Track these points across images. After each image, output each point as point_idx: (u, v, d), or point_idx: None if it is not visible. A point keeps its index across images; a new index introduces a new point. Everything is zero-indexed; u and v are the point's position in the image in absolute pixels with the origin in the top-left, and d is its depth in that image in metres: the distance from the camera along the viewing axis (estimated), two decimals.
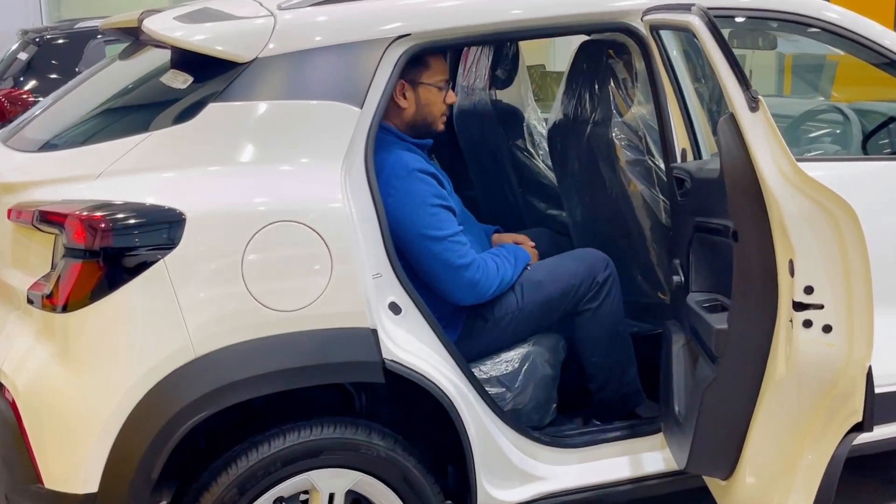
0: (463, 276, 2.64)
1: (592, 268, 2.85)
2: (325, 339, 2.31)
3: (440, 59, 2.77)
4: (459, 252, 2.63)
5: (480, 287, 2.68)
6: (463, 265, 2.63)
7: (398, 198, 2.57)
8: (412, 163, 2.62)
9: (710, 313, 2.45)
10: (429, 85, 2.73)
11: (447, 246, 2.61)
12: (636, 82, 3.01)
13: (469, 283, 2.65)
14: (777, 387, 2.32)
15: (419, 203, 2.59)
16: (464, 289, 2.66)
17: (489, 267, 2.70)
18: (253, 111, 2.37)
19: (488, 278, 2.69)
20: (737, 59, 2.28)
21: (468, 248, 2.66)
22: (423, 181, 2.62)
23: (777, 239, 2.23)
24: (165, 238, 2.20)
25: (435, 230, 2.60)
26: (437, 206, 2.62)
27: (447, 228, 2.62)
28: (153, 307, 2.19)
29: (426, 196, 2.60)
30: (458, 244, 2.64)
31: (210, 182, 2.30)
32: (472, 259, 2.65)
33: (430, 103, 2.75)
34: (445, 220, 2.63)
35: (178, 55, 2.47)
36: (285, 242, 2.28)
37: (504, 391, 2.76)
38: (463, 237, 2.66)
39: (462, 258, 2.63)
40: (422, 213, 2.59)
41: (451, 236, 2.62)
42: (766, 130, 2.20)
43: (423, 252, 2.61)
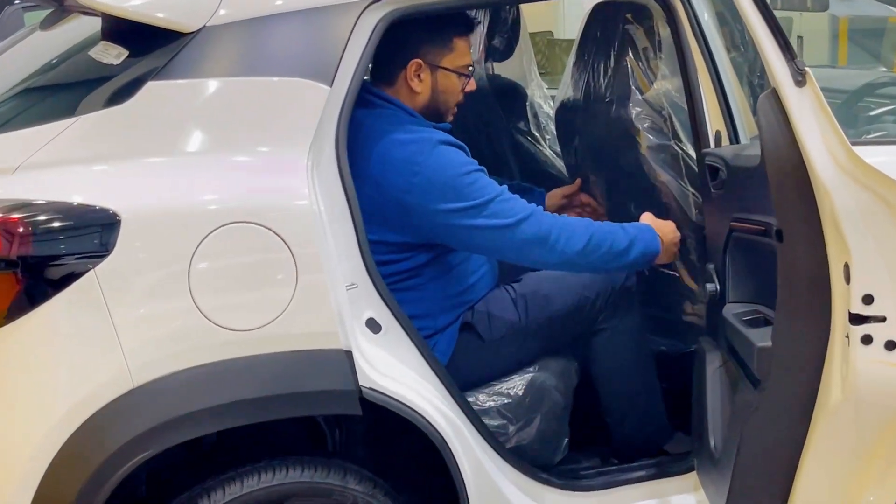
0: (525, 231, 2.60)
1: (610, 278, 2.86)
2: (289, 363, 2.31)
3: (467, 41, 2.79)
4: (514, 209, 2.61)
5: (552, 238, 2.61)
6: (521, 219, 2.60)
7: (426, 174, 2.58)
8: (434, 135, 2.64)
9: (751, 328, 2.46)
10: (450, 71, 2.76)
11: (496, 208, 2.59)
12: (660, 52, 3.02)
13: (535, 236, 2.60)
14: (832, 415, 2.33)
15: (451, 175, 2.59)
16: (535, 246, 2.62)
17: (565, 219, 2.68)
18: (200, 90, 2.37)
19: (564, 229, 2.63)
20: (779, 23, 2.29)
21: (523, 202, 2.64)
22: (450, 153, 2.63)
23: (829, 239, 2.25)
24: (97, 244, 2.20)
25: (477, 198, 2.59)
26: (471, 172, 2.62)
27: (490, 191, 2.61)
28: (82, 327, 2.19)
29: (457, 166, 2.61)
30: (509, 201, 2.62)
31: (150, 176, 2.30)
32: (531, 211, 2.62)
33: (447, 91, 2.78)
34: (486, 184, 2.62)
35: (110, 24, 2.47)
36: (241, 248, 2.28)
37: (506, 424, 2.77)
38: (510, 194, 2.65)
39: (519, 213, 2.60)
40: (458, 184, 2.59)
41: (497, 196, 2.61)
42: (815, 108, 2.21)
43: (474, 229, 2.60)
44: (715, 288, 2.68)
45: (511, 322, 2.81)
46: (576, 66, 3.28)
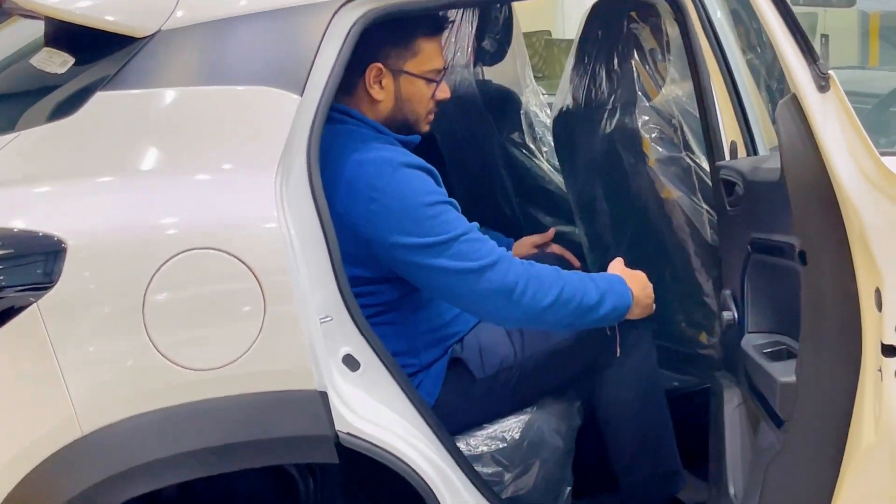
0: (490, 280, 2.55)
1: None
2: (257, 406, 2.31)
3: (434, 42, 2.77)
4: (480, 251, 2.57)
5: (518, 293, 2.57)
6: (486, 265, 2.55)
7: (385, 202, 2.56)
8: (397, 156, 2.62)
9: (772, 361, 2.47)
10: (414, 76, 2.75)
11: (460, 248, 2.56)
12: (668, 54, 3.04)
13: (499, 288, 2.56)
14: (864, 458, 2.34)
15: (413, 205, 2.57)
16: (496, 298, 2.57)
17: (536, 268, 2.62)
18: (156, 101, 2.38)
19: (530, 281, 2.58)
20: (798, 21, 2.31)
21: (492, 244, 2.60)
22: (415, 178, 2.60)
23: (858, 261, 2.26)
24: (39, 274, 2.20)
25: (440, 234, 2.56)
26: (437, 203, 2.59)
27: (456, 228, 2.58)
28: (23, 368, 2.19)
29: (420, 195, 2.58)
30: (476, 242, 2.58)
31: (100, 197, 2.31)
32: (501, 255, 2.58)
33: (413, 98, 2.76)
34: (452, 219, 2.59)
35: (53, 29, 2.49)
36: (202, 277, 2.28)
37: (501, 472, 2.78)
38: (479, 233, 2.61)
39: (484, 257, 2.56)
40: (418, 216, 2.56)
41: (463, 235, 2.57)
42: (839, 115, 2.23)
43: (428, 264, 2.57)
44: (732, 316, 2.69)
45: (505, 357, 2.82)
46: (575, 70, 3.29)
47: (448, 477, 2.51)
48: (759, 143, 2.77)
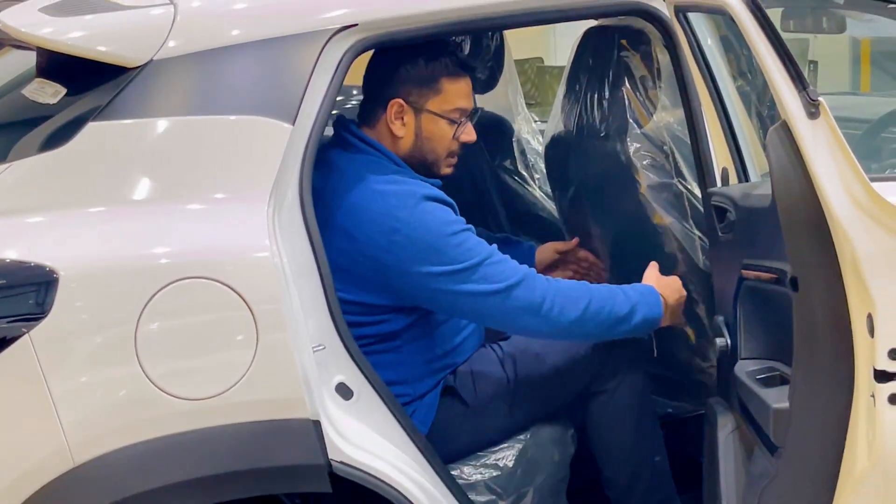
0: (517, 299, 2.60)
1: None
2: (251, 435, 2.31)
3: (459, 83, 2.79)
4: (504, 272, 2.61)
5: (546, 307, 2.61)
6: (512, 284, 2.60)
7: (408, 233, 2.59)
8: (419, 189, 2.64)
9: (765, 387, 2.47)
10: (436, 115, 2.76)
11: (485, 272, 2.60)
12: (659, 81, 3.05)
13: (527, 305, 2.60)
14: (858, 484, 2.33)
15: (437, 236, 2.60)
16: (525, 315, 2.61)
17: (562, 283, 2.67)
18: (148, 131, 2.39)
19: (558, 296, 2.62)
20: (788, 48, 2.32)
21: (515, 264, 2.64)
22: (436, 210, 2.64)
23: (850, 287, 2.26)
24: (32, 305, 2.20)
25: (465, 261, 2.59)
26: (459, 232, 2.62)
27: (479, 253, 2.61)
28: (15, 399, 2.19)
29: (442, 225, 2.61)
30: (499, 264, 2.62)
31: (92, 228, 2.31)
32: (525, 273, 2.62)
33: (433, 138, 2.78)
34: (475, 245, 2.62)
35: (46, 60, 2.49)
36: (194, 307, 2.29)
37: (495, 500, 2.77)
38: (501, 254, 2.65)
39: (509, 278, 2.60)
40: (443, 245, 2.59)
41: (487, 259, 2.61)
42: (830, 142, 2.24)
43: (459, 294, 2.60)
44: (725, 343, 2.69)
45: (498, 384, 2.82)
46: (566, 97, 3.30)
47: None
48: (750, 170, 2.78)
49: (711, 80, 2.80)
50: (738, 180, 2.78)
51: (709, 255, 2.90)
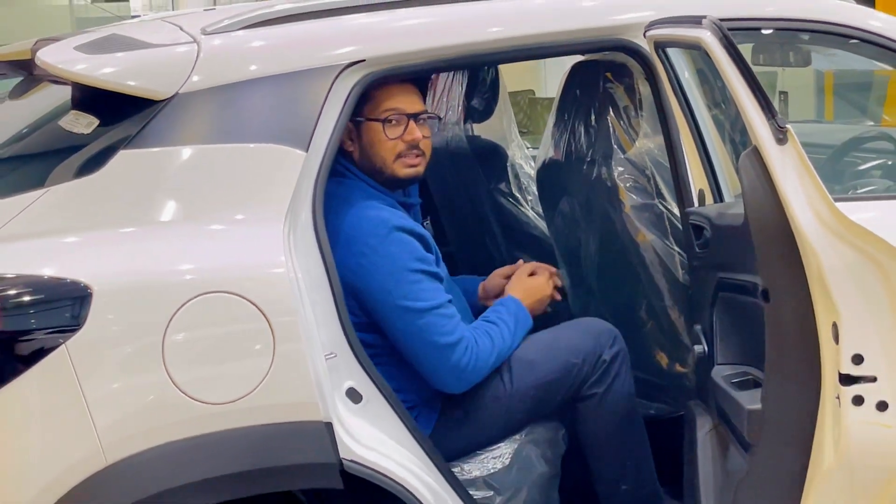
0: (448, 359, 2.65)
1: (597, 343, 2.86)
2: (268, 436, 2.30)
3: (388, 87, 2.72)
4: (445, 328, 2.64)
5: (468, 373, 2.69)
6: (448, 344, 2.64)
7: (374, 259, 2.60)
8: (393, 219, 2.65)
9: (740, 390, 2.47)
10: (371, 120, 2.72)
11: (430, 320, 2.63)
12: (641, 110, 3.05)
13: (455, 367, 2.66)
14: (825, 480, 2.32)
15: (398, 268, 2.61)
16: (448, 374, 2.67)
17: (481, 347, 2.70)
18: (174, 159, 2.39)
19: (478, 362, 2.69)
20: (758, 81, 2.32)
21: (456, 322, 2.67)
22: (405, 242, 2.64)
23: (817, 298, 2.26)
24: (68, 318, 2.20)
25: (415, 300, 2.62)
26: (420, 271, 2.64)
27: (431, 299, 2.64)
28: (53, 404, 2.19)
29: (407, 260, 2.63)
30: (444, 318, 2.65)
31: (123, 247, 2.32)
32: (461, 337, 2.66)
33: (374, 143, 2.73)
34: (429, 289, 2.65)
35: (80, 93, 2.50)
36: (216, 319, 2.28)
37: (493, 495, 2.76)
38: (451, 309, 2.68)
39: (448, 335, 2.64)
40: (401, 279, 2.61)
41: (435, 308, 2.64)
42: (797, 166, 2.24)
43: (401, 326, 2.63)
44: (703, 349, 2.69)
45: (496, 389, 2.80)
46: (556, 125, 3.31)
47: (444, 501, 2.50)
48: (724, 191, 2.78)
49: (688, 110, 2.80)
50: (714, 201, 2.78)
51: (687, 269, 2.90)
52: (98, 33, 2.69)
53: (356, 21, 2.63)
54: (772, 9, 2.93)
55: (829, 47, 3.28)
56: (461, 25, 2.68)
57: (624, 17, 2.79)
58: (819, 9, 2.93)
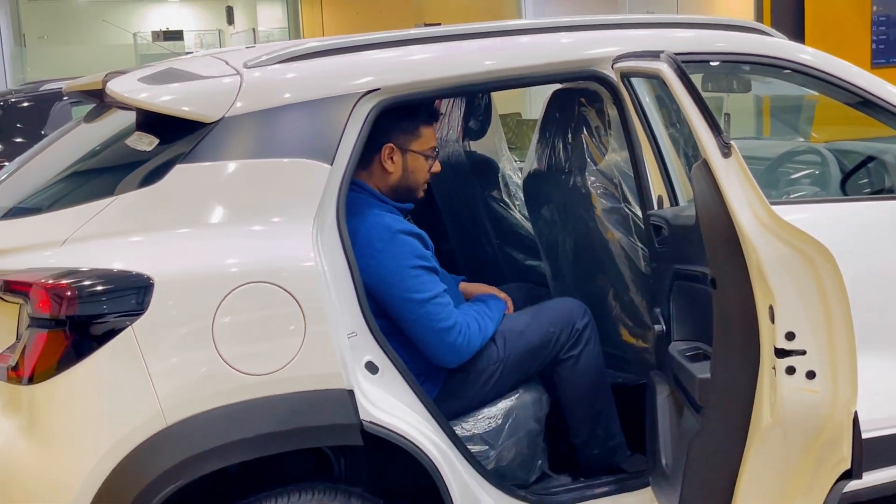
0: (445, 340, 2.66)
1: (571, 314, 2.89)
2: (300, 402, 2.31)
3: (431, 128, 2.84)
4: (442, 314, 2.66)
5: (462, 350, 2.70)
6: (445, 328, 2.66)
7: (380, 259, 2.61)
8: (395, 224, 2.66)
9: (692, 362, 2.46)
10: (417, 153, 2.80)
11: (429, 309, 2.64)
12: (609, 130, 3.05)
13: (451, 346, 2.67)
14: (763, 436, 2.33)
15: (402, 265, 2.62)
16: (446, 352, 2.69)
17: (472, 328, 2.73)
18: (221, 171, 2.39)
19: (470, 341, 2.71)
20: (707, 105, 2.32)
21: (451, 309, 2.69)
22: (407, 243, 2.65)
23: (756, 285, 2.26)
24: (133, 304, 2.20)
25: (417, 293, 2.63)
26: (419, 267, 2.65)
27: (429, 290, 2.65)
28: (122, 376, 2.19)
29: (408, 258, 2.64)
30: (441, 306, 2.66)
31: (178, 245, 2.31)
32: (455, 322, 2.68)
33: (416, 171, 2.82)
34: (428, 282, 2.66)
35: (143, 117, 2.50)
36: (257, 304, 2.28)
37: (487, 449, 2.76)
38: (446, 297, 2.69)
39: (445, 321, 2.65)
40: (404, 275, 2.62)
41: (434, 298, 2.65)
42: (739, 176, 2.24)
43: (406, 314, 2.64)
44: (662, 328, 2.69)
45: (490, 356, 2.81)
46: (539, 143, 3.30)
47: (447, 454, 2.50)
48: (679, 196, 2.78)
49: (649, 129, 2.79)
50: (670, 204, 2.78)
51: (648, 261, 2.90)
52: (158, 67, 2.69)
53: (372, 56, 2.63)
54: (719, 45, 2.94)
55: (767, 76, 3.28)
56: (461, 60, 2.68)
57: (595, 51, 2.79)
58: (758, 45, 2.94)
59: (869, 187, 3.29)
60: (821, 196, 3.45)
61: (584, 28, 2.87)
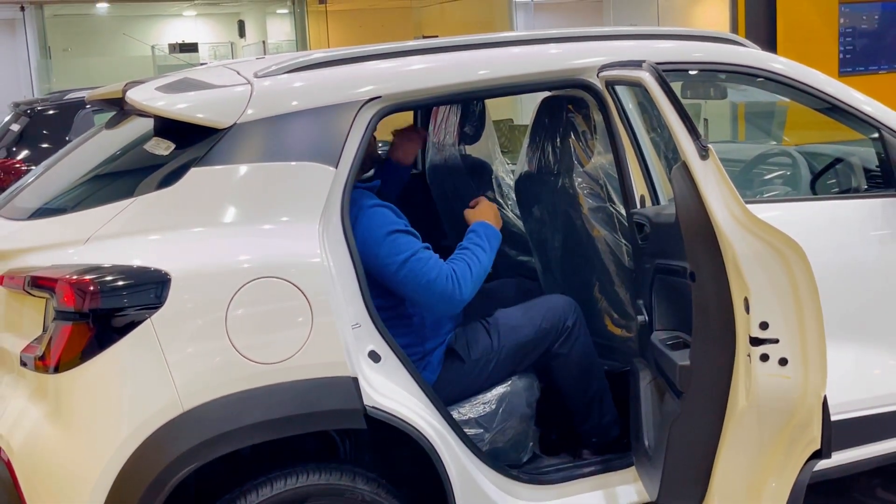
0: (435, 291, 2.56)
1: (563, 312, 2.88)
2: (308, 388, 2.30)
3: None
4: (425, 268, 2.57)
5: (455, 296, 2.59)
6: (431, 280, 2.56)
7: (361, 234, 2.54)
8: (360, 199, 2.60)
9: (673, 350, 2.46)
10: None
11: (412, 266, 2.56)
12: (595, 134, 3.04)
13: (442, 295, 2.57)
14: (739, 419, 2.33)
15: (377, 236, 2.56)
16: (441, 302, 2.59)
17: (460, 273, 2.61)
18: (234, 174, 2.38)
19: (462, 282, 2.60)
20: (686, 111, 2.32)
21: (434, 260, 2.59)
22: (376, 214, 2.59)
23: (732, 278, 2.26)
24: (152, 298, 2.20)
25: (396, 255, 2.55)
26: (393, 231, 2.58)
27: (407, 249, 2.57)
28: (142, 364, 2.19)
29: (381, 226, 2.57)
30: (422, 261, 2.57)
31: (194, 243, 2.31)
32: (440, 271, 2.58)
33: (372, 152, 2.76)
34: (404, 243, 2.58)
35: (160, 123, 2.49)
36: (267, 297, 2.28)
37: (482, 432, 2.76)
38: (426, 252, 2.60)
39: (428, 274, 2.56)
40: (382, 243, 2.56)
41: (413, 255, 2.57)
42: (716, 176, 2.24)
43: (393, 278, 2.57)
44: (644, 319, 2.68)
45: (486, 347, 2.81)
46: (529, 147, 3.30)
47: (445, 437, 2.50)
48: (660, 196, 2.78)
49: (632, 133, 2.79)
50: (652, 203, 2.78)
51: (632, 257, 2.89)
52: (174, 77, 2.68)
53: (374, 66, 2.62)
54: (697, 55, 2.93)
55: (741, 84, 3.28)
56: (456, 69, 2.68)
57: (582, 61, 2.78)
58: (733, 55, 2.94)
59: (837, 187, 3.29)
60: (792, 195, 3.45)
61: (571, 39, 2.86)
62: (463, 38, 2.78)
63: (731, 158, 4.01)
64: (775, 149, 4.16)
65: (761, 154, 3.90)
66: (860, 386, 2.84)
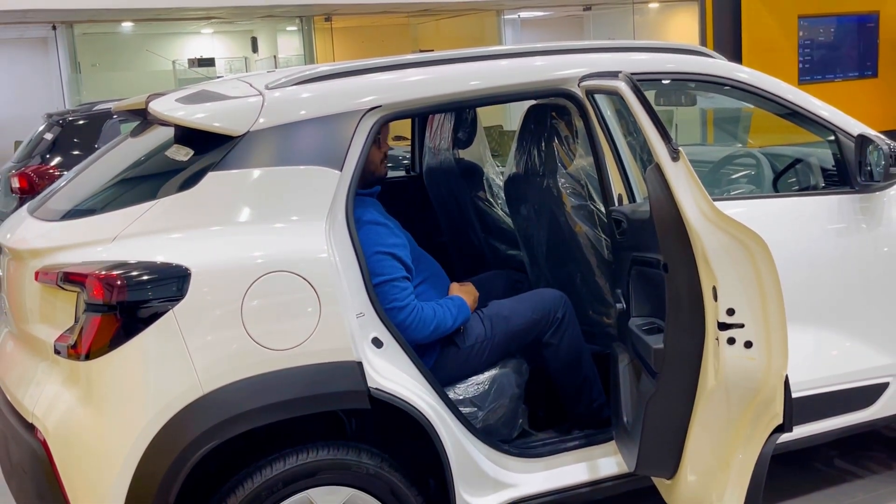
0: (396, 318, 2.55)
1: (553, 305, 2.87)
2: (316, 372, 2.30)
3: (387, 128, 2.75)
4: (397, 296, 2.56)
5: (412, 329, 2.58)
6: (397, 307, 2.55)
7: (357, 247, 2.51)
8: (362, 216, 2.59)
9: (648, 335, 2.47)
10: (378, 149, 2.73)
11: (386, 289, 2.55)
12: (577, 139, 3.04)
13: (401, 323, 2.56)
14: (709, 396, 2.34)
15: (369, 252, 2.55)
16: (400, 328, 2.55)
17: (425, 313, 2.61)
18: (248, 177, 2.38)
19: (421, 323, 2.60)
20: (659, 117, 2.32)
21: (408, 293, 2.59)
22: (372, 231, 2.59)
23: (701, 269, 2.26)
24: (174, 291, 2.20)
25: (377, 276, 2.55)
26: (381, 253, 2.57)
27: (388, 273, 2.57)
28: (165, 351, 2.19)
29: (372, 245, 2.57)
30: (398, 288, 2.57)
31: (212, 240, 2.31)
32: (407, 304, 2.57)
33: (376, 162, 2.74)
34: (388, 266, 2.58)
35: (180, 132, 2.49)
36: (279, 290, 2.28)
37: (476, 410, 2.76)
38: (405, 283, 2.59)
39: (397, 301, 2.56)
40: (370, 259, 2.54)
41: (392, 280, 2.56)
42: (686, 177, 2.24)
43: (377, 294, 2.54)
44: (622, 306, 2.69)
45: (479, 334, 2.81)
46: (517, 151, 3.29)
47: (442, 415, 2.50)
48: (636, 195, 2.78)
49: (610, 138, 2.79)
50: (629, 201, 2.78)
51: (611, 250, 2.90)
52: (192, 89, 2.68)
53: (375, 78, 2.62)
54: (669, 65, 2.93)
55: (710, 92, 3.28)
56: (451, 80, 2.67)
57: (564, 72, 2.78)
58: (702, 65, 2.94)
59: (797, 185, 3.29)
60: (756, 193, 3.45)
61: (554, 52, 2.86)
62: (456, 51, 2.78)
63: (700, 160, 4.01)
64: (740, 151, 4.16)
65: (728, 155, 3.90)
66: (819, 366, 2.85)
